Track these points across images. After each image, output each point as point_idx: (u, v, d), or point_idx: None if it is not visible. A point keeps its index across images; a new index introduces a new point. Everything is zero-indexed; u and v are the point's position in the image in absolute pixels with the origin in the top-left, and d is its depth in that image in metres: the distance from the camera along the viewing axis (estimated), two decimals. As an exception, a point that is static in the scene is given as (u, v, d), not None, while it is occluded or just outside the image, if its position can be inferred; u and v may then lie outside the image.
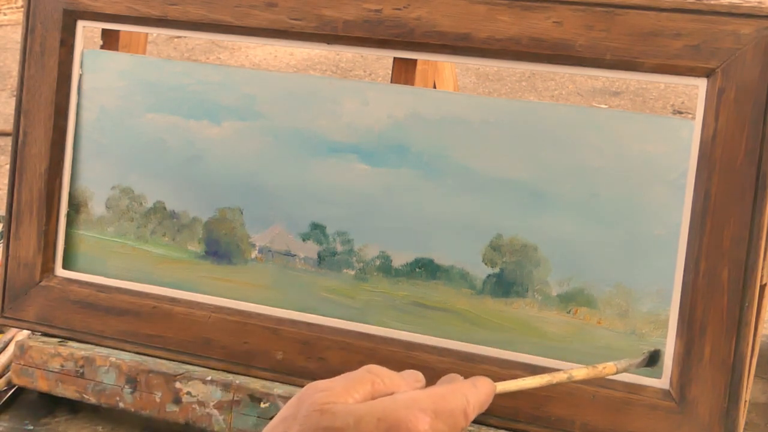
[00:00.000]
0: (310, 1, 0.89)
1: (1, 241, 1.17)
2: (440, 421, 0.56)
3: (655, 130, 0.81)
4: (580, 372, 0.74)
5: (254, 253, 0.93)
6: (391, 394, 0.58)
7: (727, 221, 0.77)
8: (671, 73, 0.80)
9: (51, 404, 0.96)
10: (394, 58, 0.92)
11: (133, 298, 0.95)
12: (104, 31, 1.00)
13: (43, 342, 0.95)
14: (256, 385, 0.89)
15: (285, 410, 0.57)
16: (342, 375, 0.58)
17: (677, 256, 0.80)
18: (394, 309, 0.88)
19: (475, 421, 0.83)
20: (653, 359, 0.81)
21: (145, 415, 0.92)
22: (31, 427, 0.94)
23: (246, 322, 0.91)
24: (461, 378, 0.62)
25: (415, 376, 0.61)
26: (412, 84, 0.92)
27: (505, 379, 0.83)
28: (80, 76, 0.98)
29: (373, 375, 0.58)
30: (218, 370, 0.91)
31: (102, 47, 1.01)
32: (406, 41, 0.86)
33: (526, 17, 0.83)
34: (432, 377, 0.85)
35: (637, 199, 0.81)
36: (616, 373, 0.77)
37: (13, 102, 3.39)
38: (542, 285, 0.84)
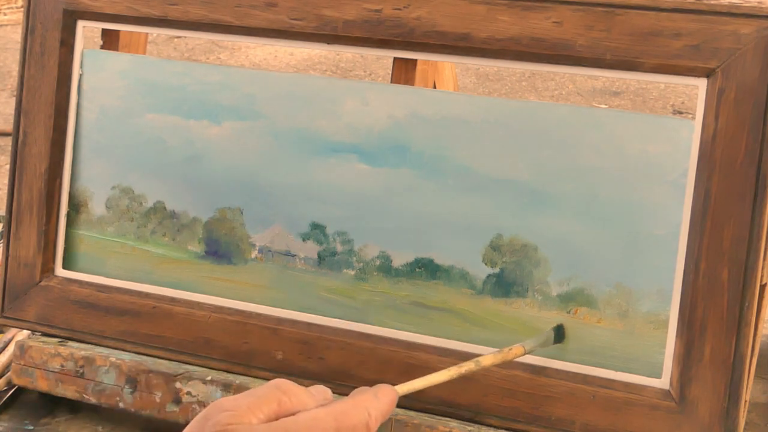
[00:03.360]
0: (310, 1, 0.89)
1: (1, 241, 1.17)
2: None
3: (655, 130, 0.81)
4: (487, 358, 0.73)
5: (254, 253, 0.93)
6: (298, 412, 0.57)
7: (727, 221, 0.77)
8: (671, 73, 0.80)
9: (51, 404, 0.96)
10: (394, 58, 0.92)
11: (133, 298, 0.95)
12: (104, 31, 1.00)
13: (43, 342, 0.95)
14: (256, 385, 0.88)
15: (190, 428, 0.56)
16: (249, 391, 0.58)
17: (677, 256, 0.80)
18: (394, 309, 0.88)
19: (476, 422, 0.84)
20: (559, 335, 0.81)
21: (145, 415, 0.92)
22: (31, 427, 0.94)
23: (246, 322, 0.91)
24: (369, 389, 0.62)
25: (324, 393, 0.60)
26: (412, 84, 0.92)
27: (505, 380, 0.83)
28: (80, 76, 0.98)
29: (280, 392, 0.58)
30: (218, 370, 0.91)
31: (102, 47, 1.01)
32: (406, 41, 0.86)
33: (526, 17, 0.83)
34: (432, 377, 0.85)
35: (637, 199, 0.81)
36: (525, 354, 0.76)
37: (13, 102, 3.39)
38: (542, 285, 0.84)
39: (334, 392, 0.88)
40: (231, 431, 0.54)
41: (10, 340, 1.04)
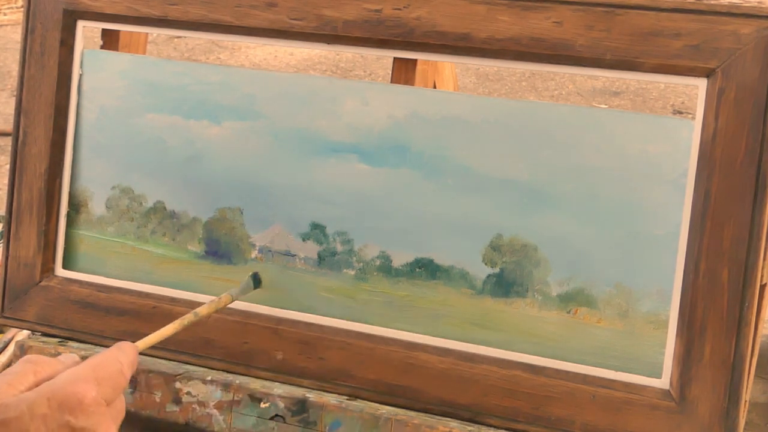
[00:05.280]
0: (310, 1, 0.89)
1: (1, 241, 1.17)
2: (103, 385, 0.63)
3: (655, 130, 0.81)
4: (203, 308, 0.83)
5: (254, 253, 0.93)
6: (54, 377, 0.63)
7: (727, 221, 0.77)
8: (671, 73, 0.80)
9: (51, 404, 0.96)
10: (394, 58, 0.92)
11: (133, 298, 0.95)
12: (104, 31, 1.00)
13: (43, 342, 0.95)
14: (256, 385, 0.89)
15: None
16: (3, 372, 0.63)
17: (677, 256, 0.80)
18: (394, 309, 0.88)
19: (476, 422, 0.84)
20: (256, 281, 0.90)
21: (145, 415, 0.91)
22: (31, 427, 0.94)
23: (246, 322, 0.91)
24: (111, 347, 0.69)
25: (73, 359, 0.67)
26: (412, 84, 0.92)
27: (505, 380, 0.83)
28: (80, 76, 0.98)
29: (32, 364, 0.64)
30: (218, 370, 0.91)
31: (102, 47, 1.01)
32: (406, 41, 0.86)
33: (526, 17, 0.83)
34: (432, 377, 0.85)
35: (637, 199, 0.81)
36: (233, 300, 0.86)
37: (13, 102, 3.39)
38: (542, 285, 0.84)
39: (333, 392, 0.88)
40: (1, 405, 0.60)
41: (10, 340, 1.04)
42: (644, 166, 0.81)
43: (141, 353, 0.93)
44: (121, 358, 0.67)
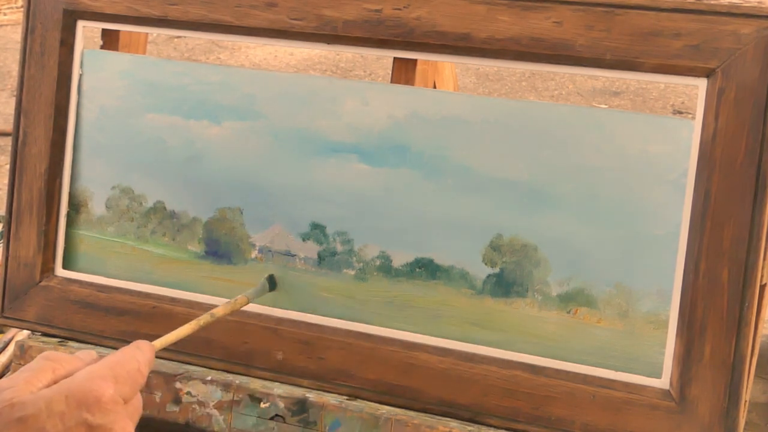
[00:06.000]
0: (310, 1, 0.89)
1: (1, 241, 1.17)
2: (121, 383, 0.63)
3: (655, 130, 0.81)
4: (219, 310, 0.83)
5: (254, 253, 0.93)
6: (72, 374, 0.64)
7: (727, 221, 0.77)
8: (671, 73, 0.80)
9: (51, 404, 0.96)
10: (394, 58, 0.92)
11: (133, 298, 0.95)
12: (104, 31, 1.00)
13: (43, 342, 0.95)
14: (256, 385, 0.89)
15: None
16: (22, 368, 0.63)
17: (677, 256, 0.80)
18: (394, 309, 0.88)
19: (476, 422, 0.84)
20: (272, 284, 0.90)
21: (145, 415, 0.91)
22: (31, 427, 0.94)
23: (246, 322, 0.91)
24: (128, 345, 0.69)
25: (91, 355, 0.67)
26: (412, 84, 0.92)
27: (505, 380, 0.83)
28: (80, 76, 0.98)
29: (51, 362, 0.64)
30: (218, 370, 0.91)
31: (102, 47, 1.01)
32: (406, 41, 0.86)
33: (526, 17, 0.83)
34: (432, 377, 0.85)
35: (637, 199, 0.81)
36: (248, 303, 0.86)
37: (13, 102, 3.39)
38: (542, 285, 0.84)
39: (333, 392, 0.88)
40: (17, 402, 0.60)
41: (10, 340, 1.04)
42: (644, 166, 0.81)
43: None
44: (138, 357, 0.67)
